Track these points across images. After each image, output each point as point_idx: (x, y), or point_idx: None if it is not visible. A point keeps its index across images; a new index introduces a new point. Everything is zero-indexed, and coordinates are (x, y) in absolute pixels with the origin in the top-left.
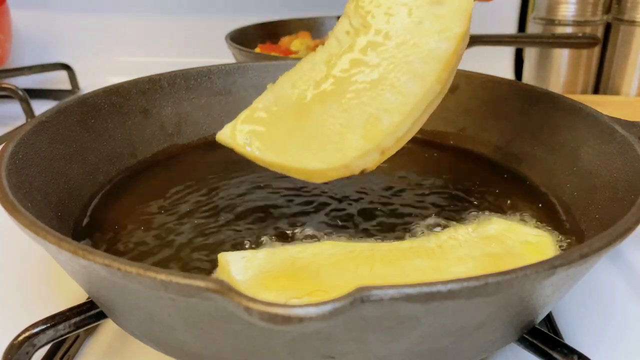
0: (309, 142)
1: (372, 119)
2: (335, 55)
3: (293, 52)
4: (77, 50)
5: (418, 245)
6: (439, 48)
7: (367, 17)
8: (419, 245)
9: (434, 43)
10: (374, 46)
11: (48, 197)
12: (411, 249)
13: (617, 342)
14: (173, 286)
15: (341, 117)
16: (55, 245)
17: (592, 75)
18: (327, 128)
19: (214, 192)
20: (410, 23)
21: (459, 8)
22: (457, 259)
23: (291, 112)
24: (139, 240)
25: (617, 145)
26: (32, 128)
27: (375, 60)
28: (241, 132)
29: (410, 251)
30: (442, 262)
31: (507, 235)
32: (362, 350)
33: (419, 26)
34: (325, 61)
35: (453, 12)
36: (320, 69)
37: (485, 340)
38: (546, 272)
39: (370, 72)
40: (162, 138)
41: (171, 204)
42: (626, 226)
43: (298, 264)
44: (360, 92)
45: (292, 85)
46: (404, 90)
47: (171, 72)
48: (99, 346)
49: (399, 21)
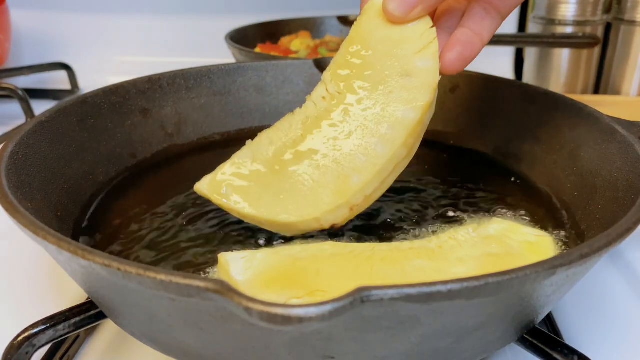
0: (282, 196)
1: (343, 177)
2: (311, 117)
3: (293, 52)
4: (77, 50)
5: (418, 246)
6: (406, 117)
7: (341, 85)
8: (419, 246)
9: (401, 112)
10: (346, 111)
11: (48, 197)
12: (411, 250)
13: (617, 342)
14: (173, 286)
15: (314, 174)
16: (55, 245)
17: (592, 75)
18: (300, 184)
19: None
20: (381, 93)
21: (426, 82)
22: (457, 260)
23: (267, 167)
24: (139, 240)
25: (617, 145)
26: (32, 128)
27: (348, 124)
28: (219, 184)
29: (411, 252)
30: (443, 262)
31: (508, 236)
32: (362, 350)
33: (388, 95)
34: (302, 121)
35: (420, 85)
36: (296, 128)
37: (485, 340)
38: (546, 272)
39: (342, 134)
40: (161, 138)
41: (171, 204)
42: (626, 226)
43: (298, 264)
44: (333, 151)
45: (270, 142)
46: (373, 152)
47: (171, 72)
48: (99, 346)
49: (370, 90)
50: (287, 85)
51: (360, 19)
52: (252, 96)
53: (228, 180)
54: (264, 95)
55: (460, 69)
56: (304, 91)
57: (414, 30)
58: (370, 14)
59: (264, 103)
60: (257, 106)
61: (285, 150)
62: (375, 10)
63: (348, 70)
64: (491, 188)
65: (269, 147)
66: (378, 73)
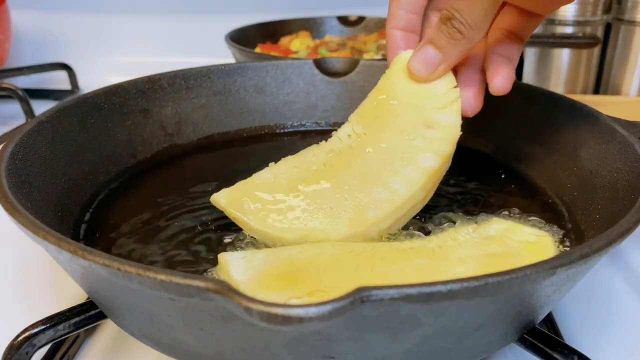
0: (297, 221)
1: (361, 208)
2: (336, 150)
3: (293, 52)
4: (77, 50)
5: (418, 246)
6: (427, 163)
7: (367, 127)
8: (419, 246)
9: (423, 158)
10: (370, 150)
11: (48, 197)
12: (412, 250)
13: (617, 342)
14: (173, 286)
15: (332, 202)
16: (55, 245)
17: (592, 75)
18: (317, 210)
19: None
20: (404, 139)
21: (447, 135)
22: (457, 260)
23: (286, 190)
24: (139, 240)
25: (617, 145)
26: (32, 128)
27: (371, 161)
28: (236, 198)
29: (411, 252)
30: (443, 262)
31: (507, 236)
32: (362, 350)
33: (411, 142)
34: (326, 153)
35: (442, 137)
36: (320, 159)
37: (485, 340)
38: (546, 272)
39: (364, 169)
40: (161, 138)
41: (171, 204)
42: (626, 226)
43: (298, 264)
44: (353, 184)
45: (292, 167)
46: (393, 190)
47: (171, 72)
48: (99, 346)
49: (394, 136)
50: (287, 85)
51: (388, 71)
52: (252, 96)
53: (246, 196)
54: (264, 95)
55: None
56: (304, 91)
57: (439, 87)
58: (397, 67)
59: (264, 103)
60: (257, 106)
61: (307, 177)
62: (402, 64)
63: (374, 115)
64: (491, 188)
65: (290, 171)
66: (402, 121)
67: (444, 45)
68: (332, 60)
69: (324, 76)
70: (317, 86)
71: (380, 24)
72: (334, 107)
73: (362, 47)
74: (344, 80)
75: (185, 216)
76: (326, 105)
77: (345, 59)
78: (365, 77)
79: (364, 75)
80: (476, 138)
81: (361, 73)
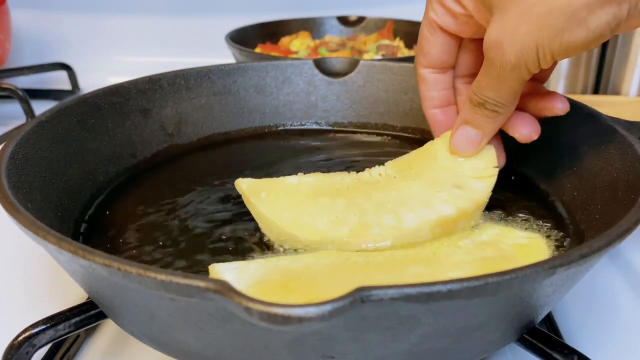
0: (304, 216)
1: (366, 224)
2: (362, 180)
3: (293, 52)
4: (77, 50)
5: (413, 253)
6: (443, 209)
7: (399, 174)
8: (413, 253)
9: (441, 205)
10: (395, 188)
11: (48, 197)
12: (406, 257)
13: (617, 342)
14: (173, 286)
15: (342, 212)
16: (56, 245)
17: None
18: (324, 213)
19: (214, 192)
20: (431, 189)
21: (474, 197)
22: (452, 265)
23: (306, 194)
24: (139, 240)
25: (617, 145)
26: (32, 128)
27: (391, 196)
28: (258, 188)
29: (406, 259)
30: (438, 268)
31: (500, 240)
32: (362, 350)
33: (437, 194)
34: (353, 179)
35: (468, 198)
36: (345, 182)
37: (485, 340)
38: (546, 272)
39: (383, 199)
40: (161, 138)
41: (171, 204)
42: (626, 226)
43: (292, 274)
44: (368, 206)
45: (317, 180)
46: (401, 218)
47: (171, 72)
48: (99, 346)
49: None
50: (287, 85)
51: (437, 140)
52: (252, 96)
53: (266, 190)
54: (264, 95)
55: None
56: (304, 91)
57: (479, 162)
58: (446, 139)
59: (264, 103)
60: (257, 106)
61: (327, 191)
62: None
63: (409, 167)
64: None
65: (314, 184)
66: (435, 177)
67: (481, 124)
68: (332, 61)
69: (324, 76)
70: (317, 86)
71: (380, 24)
72: (334, 107)
73: (362, 47)
74: (344, 81)
75: (186, 216)
76: (326, 105)
77: (345, 59)
78: (365, 77)
79: (364, 75)
80: None
81: (361, 73)
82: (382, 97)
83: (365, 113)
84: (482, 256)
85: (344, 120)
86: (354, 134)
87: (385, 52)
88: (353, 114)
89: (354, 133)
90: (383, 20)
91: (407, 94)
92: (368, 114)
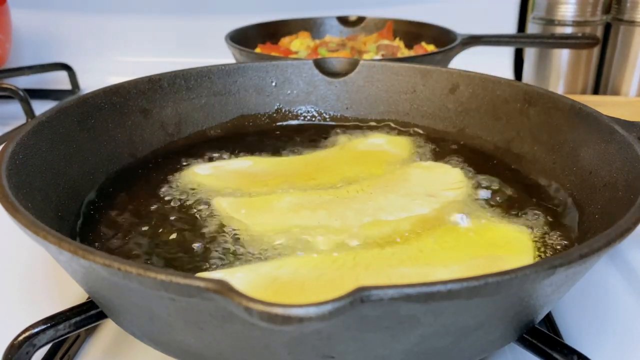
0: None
1: (347, 226)
2: (341, 196)
3: (293, 52)
4: (77, 50)
5: (400, 250)
6: (419, 209)
7: (375, 190)
8: (401, 250)
9: (418, 209)
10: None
11: (48, 197)
12: (394, 255)
13: (617, 342)
14: (173, 286)
15: (322, 217)
16: (56, 245)
17: (592, 75)
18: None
19: (214, 193)
20: (406, 200)
21: (445, 201)
22: (440, 264)
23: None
24: (139, 240)
25: (617, 145)
26: (32, 128)
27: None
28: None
29: (394, 258)
30: (425, 268)
31: (485, 234)
32: (362, 350)
33: (412, 201)
34: (330, 195)
35: (438, 202)
36: (324, 197)
37: (484, 340)
38: (546, 272)
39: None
40: (162, 138)
41: (171, 204)
42: (626, 226)
43: (280, 280)
44: (348, 213)
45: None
46: (382, 220)
47: (171, 72)
48: (99, 346)
49: (398, 198)
50: (287, 85)
51: (410, 165)
52: (253, 96)
53: (245, 206)
54: (264, 95)
55: None
56: (304, 91)
57: (448, 177)
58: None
59: (264, 103)
60: (257, 106)
61: (307, 205)
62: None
63: (385, 185)
64: (491, 187)
65: (293, 199)
66: (409, 191)
67: None
68: (332, 61)
69: (324, 76)
70: (317, 86)
71: (380, 24)
72: (334, 108)
73: (362, 47)
74: (344, 81)
75: (186, 216)
76: (326, 106)
77: (345, 60)
78: (365, 77)
79: (363, 75)
80: (476, 138)
81: (361, 73)
82: (382, 97)
83: (365, 113)
84: (469, 253)
85: (344, 120)
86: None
87: (385, 52)
88: (353, 113)
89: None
90: (383, 20)
91: (407, 94)
92: (368, 113)
